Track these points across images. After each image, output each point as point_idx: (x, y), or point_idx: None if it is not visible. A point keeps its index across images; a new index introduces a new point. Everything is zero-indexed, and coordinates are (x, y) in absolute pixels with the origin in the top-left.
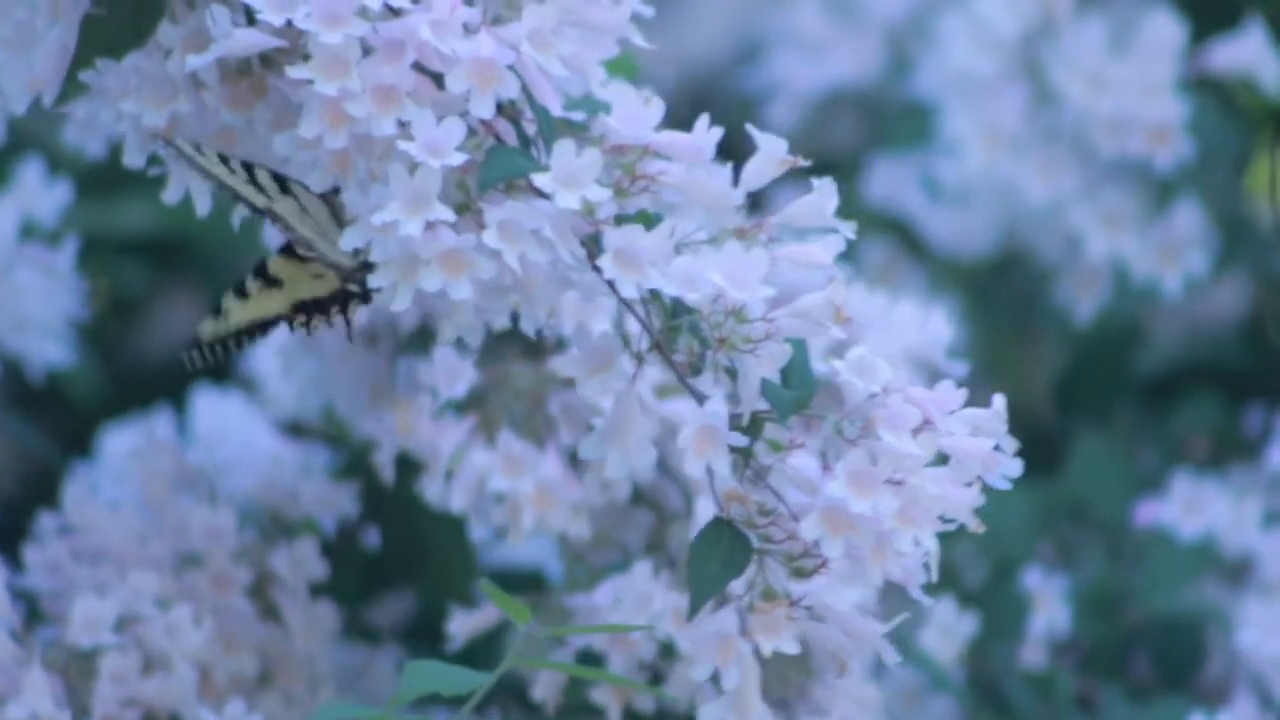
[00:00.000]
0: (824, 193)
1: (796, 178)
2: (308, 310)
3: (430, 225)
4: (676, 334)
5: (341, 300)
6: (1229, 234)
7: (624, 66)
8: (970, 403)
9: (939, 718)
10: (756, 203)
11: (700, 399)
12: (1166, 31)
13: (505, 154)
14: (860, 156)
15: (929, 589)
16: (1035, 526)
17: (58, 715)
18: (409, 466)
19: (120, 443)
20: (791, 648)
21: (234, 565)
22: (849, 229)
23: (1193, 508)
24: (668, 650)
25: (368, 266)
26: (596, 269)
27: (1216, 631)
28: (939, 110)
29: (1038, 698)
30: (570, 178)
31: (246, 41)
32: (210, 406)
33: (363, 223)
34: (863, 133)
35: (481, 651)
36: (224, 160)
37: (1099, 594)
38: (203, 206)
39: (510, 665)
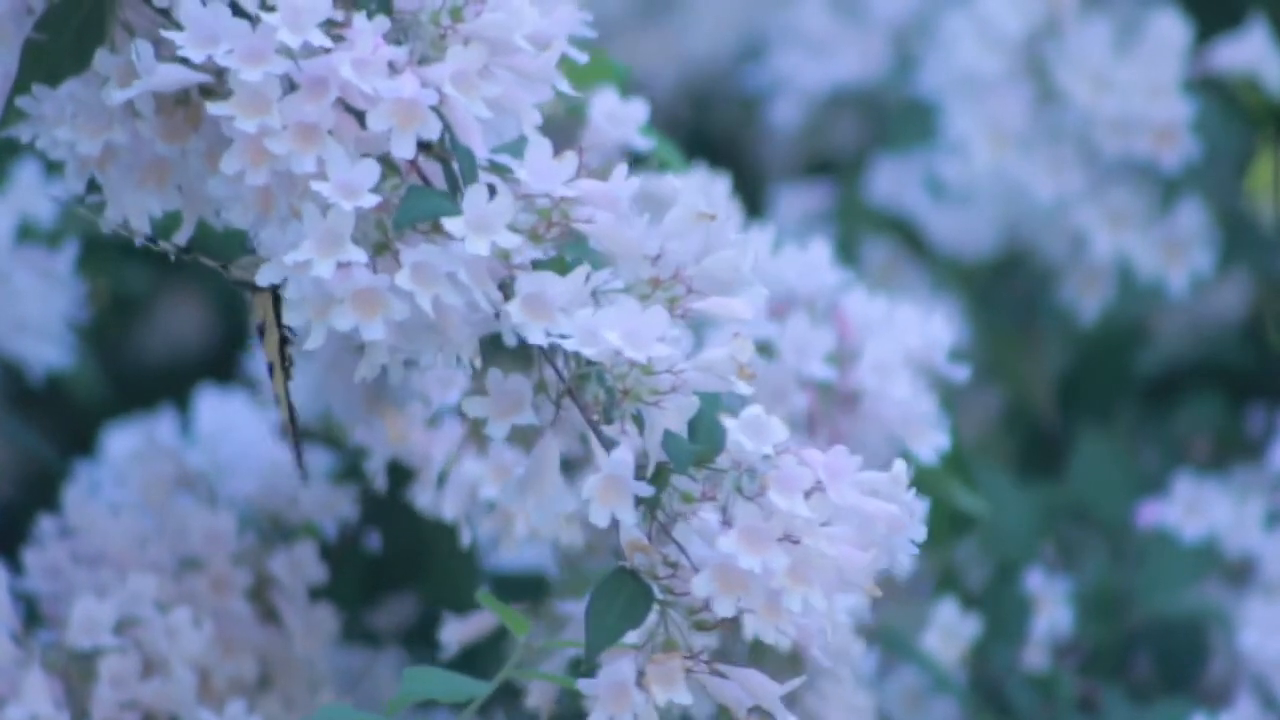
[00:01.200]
0: (741, 249)
1: (799, 176)
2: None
3: (343, 265)
4: (586, 382)
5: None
6: (1231, 233)
7: (611, 71)
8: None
9: (941, 719)
10: (756, 203)
11: (609, 446)
12: (1172, 31)
13: (423, 195)
14: (863, 156)
15: (931, 590)
16: (1037, 527)
17: (57, 717)
18: (409, 471)
19: (121, 444)
20: (685, 699)
21: (234, 568)
22: (761, 293)
23: (1195, 509)
24: None
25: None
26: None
27: (1218, 632)
28: (943, 109)
29: (1040, 699)
30: (482, 223)
31: (170, 77)
32: (214, 407)
33: (277, 260)
34: (865, 132)
35: (483, 654)
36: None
37: (1101, 595)
38: (141, 225)
39: (507, 676)
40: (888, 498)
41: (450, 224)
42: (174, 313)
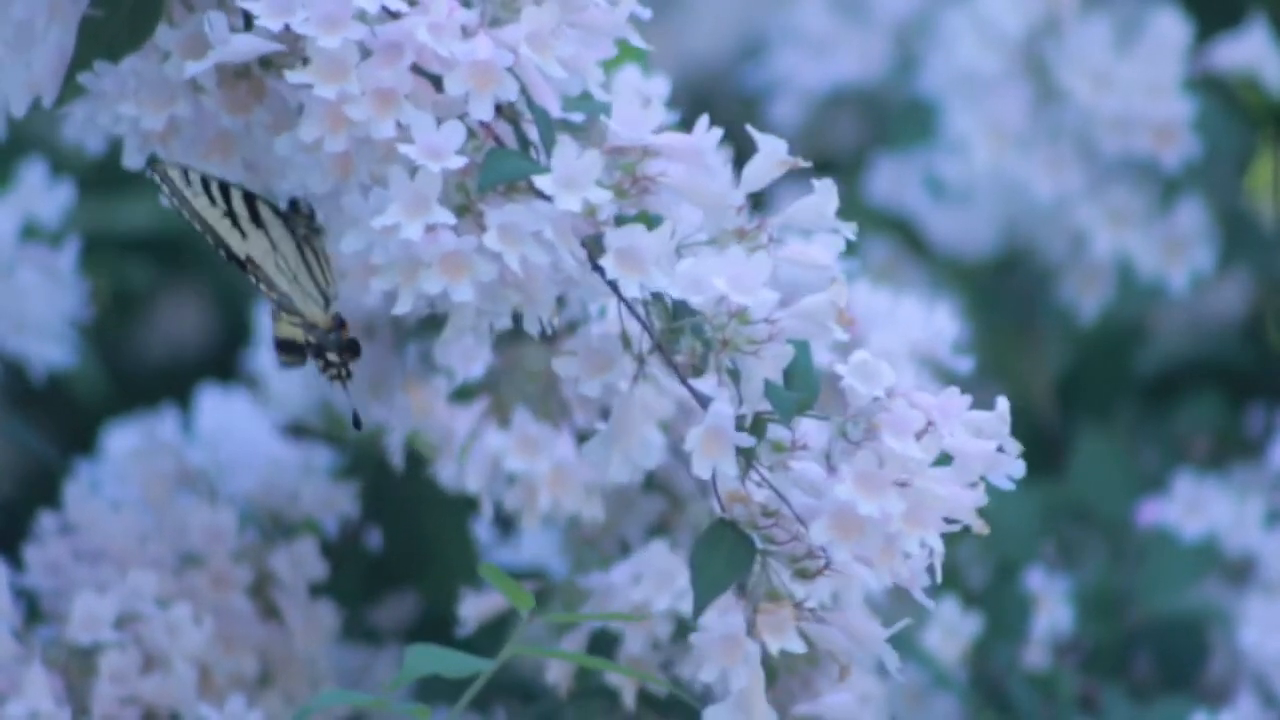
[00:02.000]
0: (824, 194)
1: (799, 176)
2: (284, 349)
3: (430, 228)
4: (679, 335)
5: (317, 354)
6: (1231, 232)
7: (633, 53)
8: (973, 403)
9: (942, 717)
10: (757, 202)
11: (702, 401)
12: (1172, 30)
13: (505, 156)
14: (863, 155)
15: (933, 589)
16: (1037, 527)
17: (58, 713)
18: (411, 464)
19: (121, 442)
20: (798, 647)
21: (234, 565)
22: (850, 229)
23: (1195, 508)
24: (683, 629)
25: (340, 324)
26: (598, 270)
27: (1219, 631)
28: (943, 109)
29: (1040, 698)
30: (571, 179)
31: (244, 47)
32: (215, 406)
33: (363, 226)
34: (865, 131)
35: (485, 649)
36: (205, 186)
37: (1101, 594)
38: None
39: (513, 653)
40: (991, 436)
41: (540, 181)
42: (174, 312)
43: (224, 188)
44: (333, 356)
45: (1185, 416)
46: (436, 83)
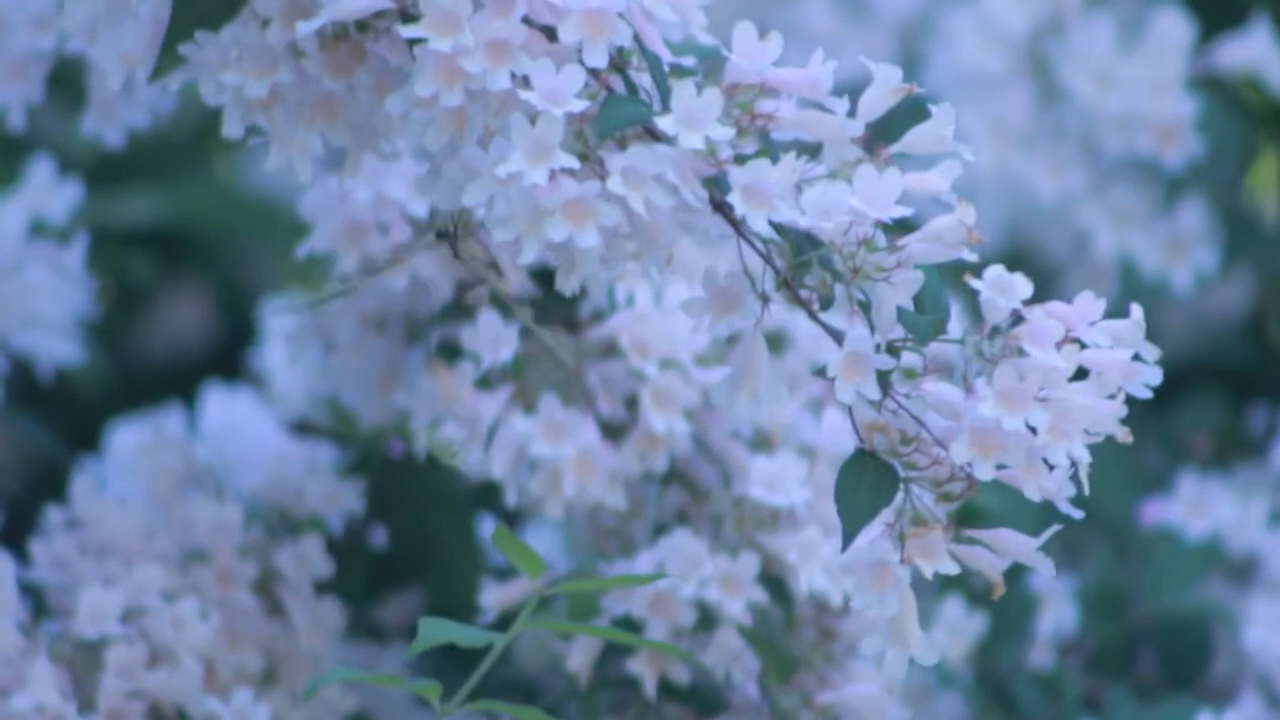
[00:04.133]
0: (942, 118)
1: None
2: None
3: (552, 175)
4: (805, 270)
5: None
6: (1233, 232)
7: None
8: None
9: (947, 716)
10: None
11: (834, 334)
12: (1175, 30)
13: (622, 102)
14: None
15: (936, 587)
16: (1041, 527)
17: (63, 707)
18: (415, 464)
19: (127, 439)
20: (951, 568)
21: (240, 561)
22: (969, 152)
23: (1198, 507)
24: (705, 619)
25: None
26: (719, 209)
27: (1223, 630)
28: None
29: (1045, 697)
30: (692, 118)
31: (355, 5)
32: (220, 404)
33: (485, 177)
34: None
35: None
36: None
37: (1105, 594)
38: (304, 166)
39: (526, 628)
40: (1128, 344)
41: (662, 122)
42: (178, 308)
43: None
44: None
45: (1188, 416)
46: (548, 34)
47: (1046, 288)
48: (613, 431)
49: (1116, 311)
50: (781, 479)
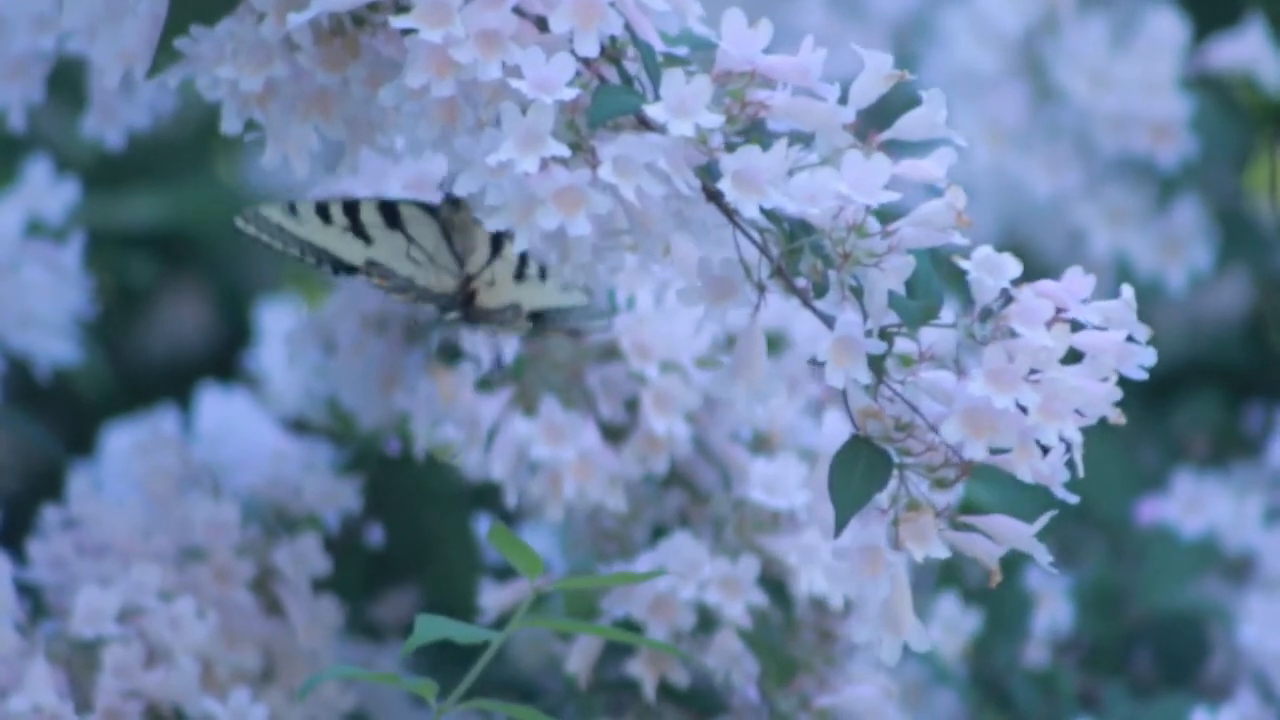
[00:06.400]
0: (934, 103)
1: None
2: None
3: (544, 164)
4: (798, 256)
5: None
6: (1229, 232)
7: None
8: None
9: (942, 714)
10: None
11: (827, 321)
12: (1169, 29)
13: (613, 91)
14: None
15: (932, 585)
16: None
17: (60, 707)
18: (412, 462)
19: (124, 440)
20: (942, 553)
21: (237, 560)
22: (961, 138)
23: (1194, 505)
24: (705, 622)
25: (468, 290)
26: (712, 198)
27: (1218, 628)
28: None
29: (1040, 694)
30: (681, 106)
31: None
32: (215, 404)
33: (476, 167)
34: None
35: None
36: (322, 211)
37: (1101, 591)
38: (301, 162)
39: (521, 625)
40: (1120, 325)
41: (652, 110)
42: (177, 309)
43: (350, 205)
44: (452, 315)
45: (1185, 415)
46: (539, 24)
47: None
48: (613, 434)
49: None
50: (782, 482)
